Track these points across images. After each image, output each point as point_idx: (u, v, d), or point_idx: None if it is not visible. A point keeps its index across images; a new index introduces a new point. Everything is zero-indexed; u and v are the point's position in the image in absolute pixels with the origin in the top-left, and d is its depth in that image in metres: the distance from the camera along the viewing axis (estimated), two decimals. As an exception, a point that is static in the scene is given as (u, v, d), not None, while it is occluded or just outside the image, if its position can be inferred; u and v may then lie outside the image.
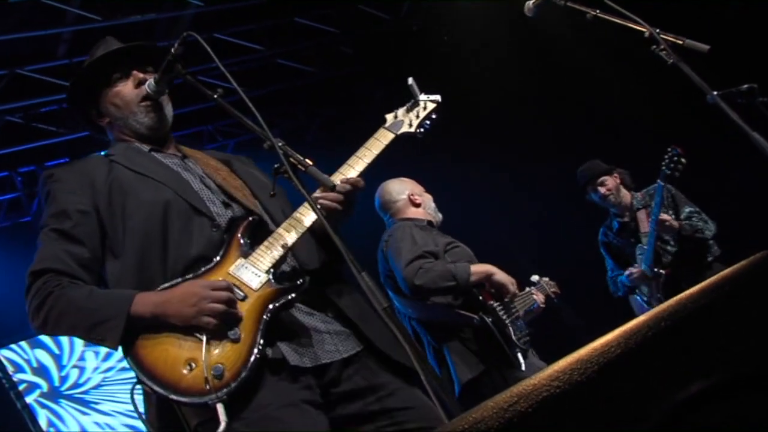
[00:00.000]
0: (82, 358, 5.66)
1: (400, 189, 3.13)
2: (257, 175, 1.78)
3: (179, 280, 1.47)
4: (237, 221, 1.57)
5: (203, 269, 1.49)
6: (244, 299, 1.44)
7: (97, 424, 5.38)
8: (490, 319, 2.71)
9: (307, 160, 1.50)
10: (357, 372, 1.52)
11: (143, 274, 1.49)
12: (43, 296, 1.47)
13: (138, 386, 1.39)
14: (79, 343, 5.69)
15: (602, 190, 3.71)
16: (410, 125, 1.74)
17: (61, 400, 5.41)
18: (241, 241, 1.53)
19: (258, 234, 1.56)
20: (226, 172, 1.75)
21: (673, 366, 0.90)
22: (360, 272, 1.29)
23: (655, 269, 3.50)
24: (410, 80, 1.81)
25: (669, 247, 3.58)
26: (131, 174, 1.61)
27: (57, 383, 5.48)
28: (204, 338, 1.37)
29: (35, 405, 5.21)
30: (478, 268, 2.76)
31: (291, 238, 1.52)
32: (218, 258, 1.50)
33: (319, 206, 1.47)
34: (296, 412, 1.39)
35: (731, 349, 0.94)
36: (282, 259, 1.51)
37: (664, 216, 3.45)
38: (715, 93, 1.81)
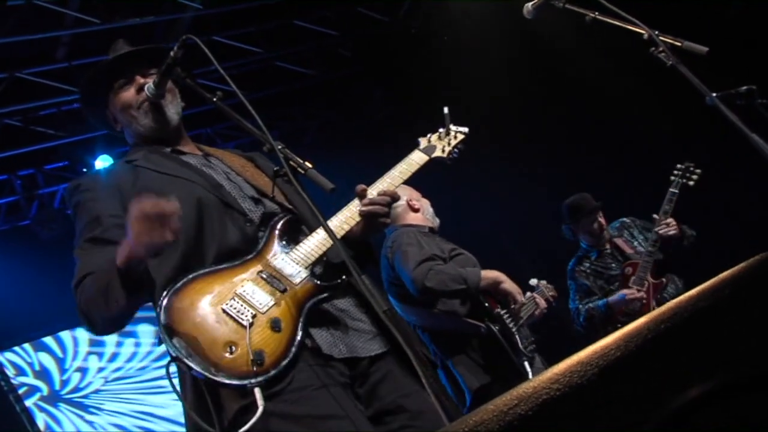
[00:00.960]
0: (85, 361, 5.66)
1: (400, 193, 3.15)
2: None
3: (220, 266, 1.49)
4: (273, 217, 1.61)
5: (241, 260, 1.51)
6: (284, 291, 1.48)
7: (91, 425, 5.36)
8: (497, 328, 2.68)
9: (306, 163, 1.52)
10: (380, 371, 1.55)
11: (183, 268, 1.50)
12: (77, 299, 1.49)
13: (173, 364, 1.39)
14: (83, 345, 5.69)
15: (596, 225, 3.77)
16: (443, 151, 1.88)
17: (60, 404, 5.41)
18: (280, 237, 1.57)
19: (294, 231, 1.61)
20: (252, 169, 1.78)
21: (673, 368, 0.90)
22: (359, 275, 1.31)
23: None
24: (446, 110, 1.94)
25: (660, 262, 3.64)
26: (158, 175, 1.63)
27: (57, 387, 5.49)
28: (247, 324, 1.40)
29: (34, 408, 5.22)
30: (488, 274, 2.74)
31: (336, 235, 1.55)
32: (257, 251, 1.54)
33: (365, 211, 1.59)
34: (335, 393, 1.43)
35: (732, 351, 0.94)
36: (321, 258, 1.55)
37: (670, 219, 3.49)
38: (714, 95, 1.81)
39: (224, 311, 1.42)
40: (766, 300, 0.98)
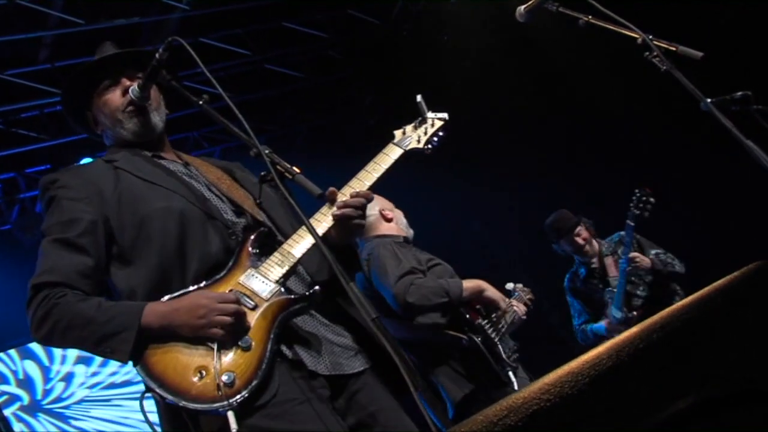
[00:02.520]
0: (71, 372, 5.57)
1: (370, 205, 3.06)
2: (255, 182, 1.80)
3: (191, 288, 1.47)
4: (247, 231, 1.59)
5: (214, 278, 1.50)
6: (254, 308, 1.45)
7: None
8: (479, 339, 2.63)
9: (294, 168, 1.49)
10: (358, 383, 1.55)
11: (160, 282, 1.49)
12: (48, 308, 1.44)
13: (147, 394, 1.39)
14: (71, 355, 5.61)
15: (579, 240, 3.78)
16: (419, 141, 1.78)
17: (40, 414, 5.33)
18: (251, 252, 1.54)
19: (267, 244, 1.58)
20: (229, 181, 1.76)
21: (665, 378, 0.90)
22: (348, 283, 1.29)
23: (625, 311, 3.56)
24: (419, 98, 1.85)
25: (639, 291, 3.66)
26: (139, 182, 1.60)
27: (39, 396, 5.40)
28: (215, 346, 1.38)
29: (12, 418, 5.12)
30: (470, 284, 2.69)
31: (301, 249, 1.54)
32: (228, 269, 1.52)
33: (338, 215, 1.55)
34: (319, 409, 1.42)
35: (724, 361, 0.94)
36: (292, 270, 1.52)
37: (634, 253, 3.52)
38: (709, 100, 1.80)
39: (194, 336, 1.41)
40: (759, 309, 0.98)
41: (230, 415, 1.32)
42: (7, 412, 5.06)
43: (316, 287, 1.51)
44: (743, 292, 0.99)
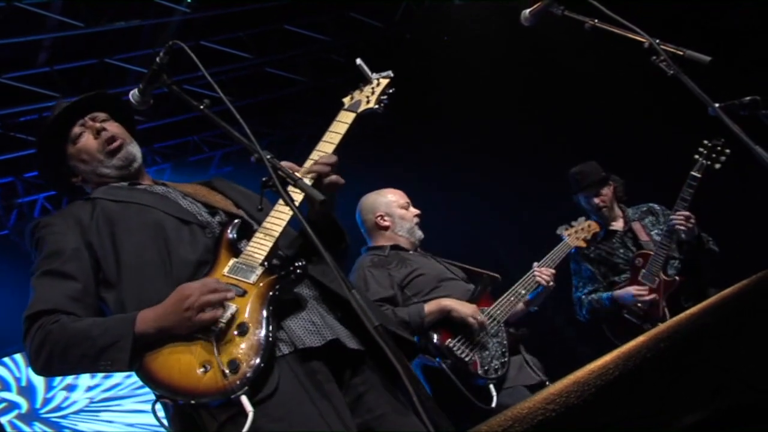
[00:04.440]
0: (74, 383, 5.54)
1: (372, 207, 2.96)
2: (239, 188, 1.86)
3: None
4: (223, 226, 1.63)
5: (200, 275, 1.52)
6: (243, 294, 1.47)
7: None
8: (448, 362, 2.54)
9: (296, 174, 1.49)
10: (365, 384, 1.55)
11: (145, 295, 1.51)
12: (43, 336, 1.47)
13: (158, 402, 1.40)
14: None
15: (597, 201, 3.48)
16: (368, 102, 1.79)
17: (36, 423, 5.29)
18: (231, 242, 1.58)
19: (245, 235, 1.61)
20: (206, 191, 1.81)
21: (672, 390, 0.88)
22: (350, 290, 1.27)
23: (669, 275, 3.25)
24: (358, 61, 1.87)
25: (675, 259, 3.33)
26: (115, 205, 1.66)
27: (38, 405, 5.37)
28: (213, 339, 1.39)
29: (7, 426, 5.08)
30: (432, 307, 2.59)
31: (278, 227, 1.56)
32: (211, 264, 1.54)
33: (310, 176, 1.57)
34: (322, 407, 1.41)
35: (734, 373, 0.92)
36: (273, 250, 1.54)
37: (687, 213, 3.10)
38: (716, 105, 1.78)
39: (191, 334, 1.42)
40: (768, 319, 0.96)
41: (244, 398, 1.32)
42: (3, 420, 5.03)
43: (302, 261, 1.52)
44: (754, 301, 0.97)
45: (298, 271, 1.51)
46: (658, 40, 1.90)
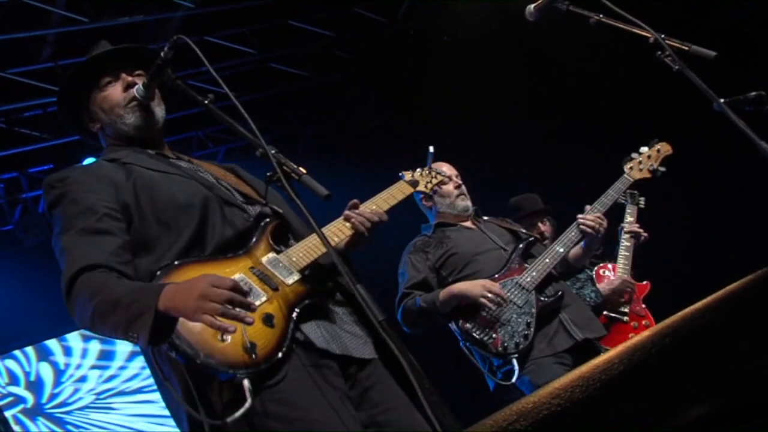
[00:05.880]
0: (83, 376, 5.55)
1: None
2: (262, 183, 1.83)
3: (211, 257, 1.50)
4: (266, 218, 1.64)
5: (233, 254, 1.52)
6: (276, 290, 1.48)
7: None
8: (467, 344, 2.62)
9: (300, 169, 1.49)
10: (370, 378, 1.55)
11: (180, 264, 1.47)
12: (88, 296, 1.39)
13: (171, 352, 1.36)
14: (88, 358, 5.60)
15: (535, 232, 3.38)
16: (426, 187, 2.15)
17: (39, 418, 5.30)
18: (271, 238, 1.60)
19: (282, 234, 1.65)
20: (235, 179, 1.79)
21: (677, 384, 0.88)
22: (355, 285, 1.29)
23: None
24: (431, 149, 2.19)
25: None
26: (154, 173, 1.61)
27: (44, 400, 5.36)
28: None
29: (11, 420, 5.09)
30: (444, 295, 2.63)
31: (324, 246, 1.54)
32: (248, 248, 1.55)
33: (350, 223, 1.68)
34: (330, 397, 1.42)
35: (739, 368, 0.92)
36: (312, 263, 1.58)
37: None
38: (722, 101, 1.78)
39: None
40: (772, 314, 0.96)
41: (246, 383, 1.31)
42: (8, 414, 5.04)
43: (333, 283, 1.57)
44: (759, 296, 0.97)
45: (331, 291, 1.57)
46: (663, 35, 1.90)
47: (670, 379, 0.86)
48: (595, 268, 3.44)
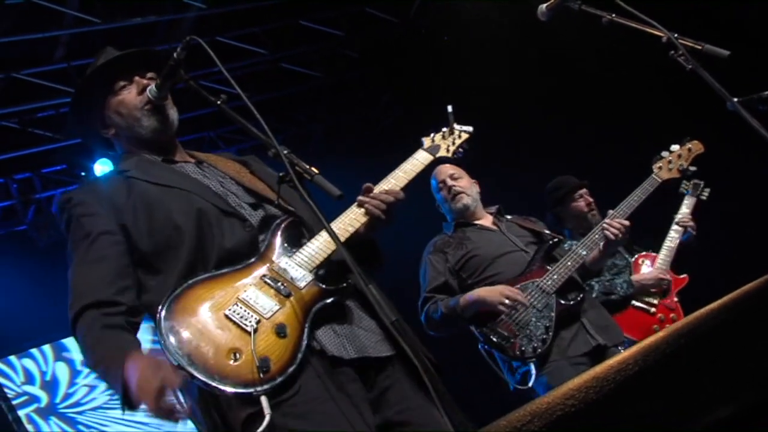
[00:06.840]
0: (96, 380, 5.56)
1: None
2: (275, 175, 1.82)
3: (220, 271, 1.49)
4: (274, 220, 1.61)
5: (243, 264, 1.51)
6: (289, 296, 1.47)
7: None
8: (486, 347, 2.66)
9: (312, 169, 1.50)
10: (389, 379, 1.54)
11: (186, 279, 1.48)
12: (82, 345, 1.47)
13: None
14: None
15: (582, 203, 3.31)
16: (447, 151, 1.93)
17: (52, 417, 5.30)
18: (282, 240, 1.58)
19: (294, 233, 1.61)
20: (249, 175, 1.78)
21: (693, 386, 0.87)
22: (367, 285, 1.28)
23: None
24: (449, 108, 1.97)
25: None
26: (152, 187, 1.62)
27: (58, 399, 5.38)
28: (251, 330, 1.38)
29: (24, 419, 5.13)
30: (463, 303, 2.65)
31: (342, 237, 1.55)
32: (259, 254, 1.54)
33: (363, 209, 1.62)
34: (345, 408, 1.41)
35: (757, 365, 0.91)
36: (325, 261, 1.55)
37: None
38: (735, 100, 1.76)
39: (227, 317, 1.40)
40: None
41: (264, 400, 1.31)
42: (21, 413, 5.08)
43: (349, 281, 1.53)
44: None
45: (345, 290, 1.53)
46: (676, 35, 1.88)
47: (686, 379, 0.86)
48: (636, 255, 3.37)
